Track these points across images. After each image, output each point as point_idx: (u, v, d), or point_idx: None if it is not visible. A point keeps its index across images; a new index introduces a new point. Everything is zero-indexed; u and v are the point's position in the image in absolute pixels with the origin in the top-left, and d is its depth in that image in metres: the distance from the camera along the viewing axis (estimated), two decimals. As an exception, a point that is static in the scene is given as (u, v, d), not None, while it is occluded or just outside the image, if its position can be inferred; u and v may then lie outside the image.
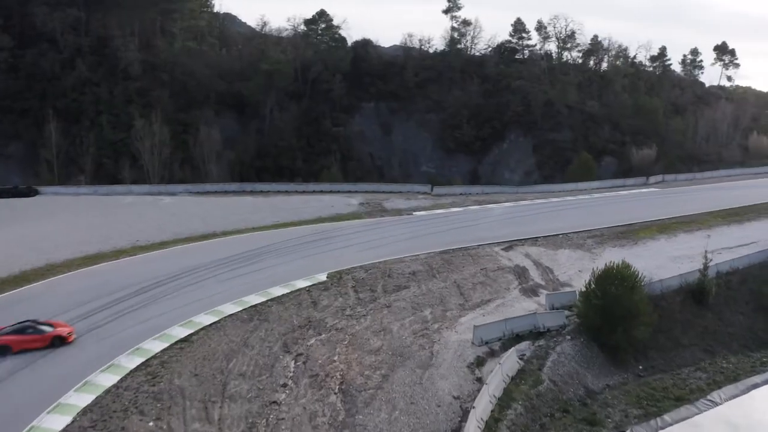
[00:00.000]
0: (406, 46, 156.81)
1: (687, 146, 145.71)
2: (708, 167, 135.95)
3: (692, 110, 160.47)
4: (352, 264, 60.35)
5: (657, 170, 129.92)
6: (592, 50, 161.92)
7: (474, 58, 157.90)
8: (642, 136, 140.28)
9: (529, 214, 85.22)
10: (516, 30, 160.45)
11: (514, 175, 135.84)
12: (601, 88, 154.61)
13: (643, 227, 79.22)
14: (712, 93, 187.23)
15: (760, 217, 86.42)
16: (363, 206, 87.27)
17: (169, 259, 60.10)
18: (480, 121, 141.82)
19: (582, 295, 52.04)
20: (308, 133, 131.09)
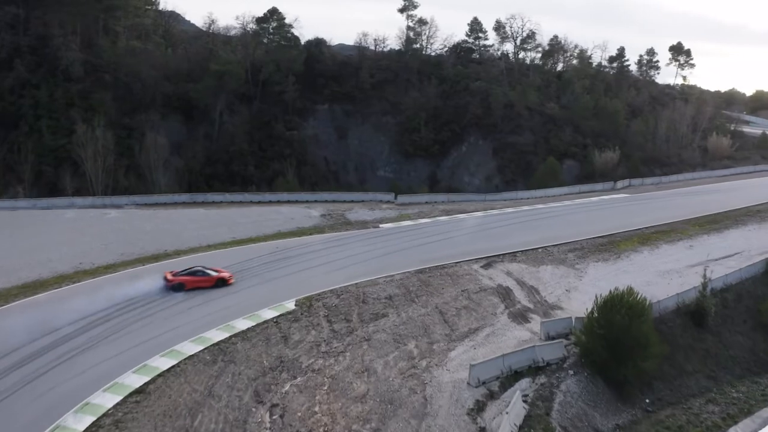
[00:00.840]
0: (360, 45, 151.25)
1: (648, 148, 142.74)
2: (670, 170, 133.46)
3: (648, 111, 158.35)
4: (321, 288, 54.14)
5: (620, 173, 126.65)
6: (551, 51, 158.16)
7: (431, 59, 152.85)
8: (603, 139, 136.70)
9: (503, 226, 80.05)
10: (472, 30, 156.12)
11: (475, 180, 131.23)
12: (561, 90, 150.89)
13: (624, 238, 74.99)
14: (666, 93, 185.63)
15: (737, 225, 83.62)
16: (325, 218, 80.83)
17: (117, 286, 52.72)
18: (438, 124, 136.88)
19: (585, 326, 46.88)
20: (260, 137, 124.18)
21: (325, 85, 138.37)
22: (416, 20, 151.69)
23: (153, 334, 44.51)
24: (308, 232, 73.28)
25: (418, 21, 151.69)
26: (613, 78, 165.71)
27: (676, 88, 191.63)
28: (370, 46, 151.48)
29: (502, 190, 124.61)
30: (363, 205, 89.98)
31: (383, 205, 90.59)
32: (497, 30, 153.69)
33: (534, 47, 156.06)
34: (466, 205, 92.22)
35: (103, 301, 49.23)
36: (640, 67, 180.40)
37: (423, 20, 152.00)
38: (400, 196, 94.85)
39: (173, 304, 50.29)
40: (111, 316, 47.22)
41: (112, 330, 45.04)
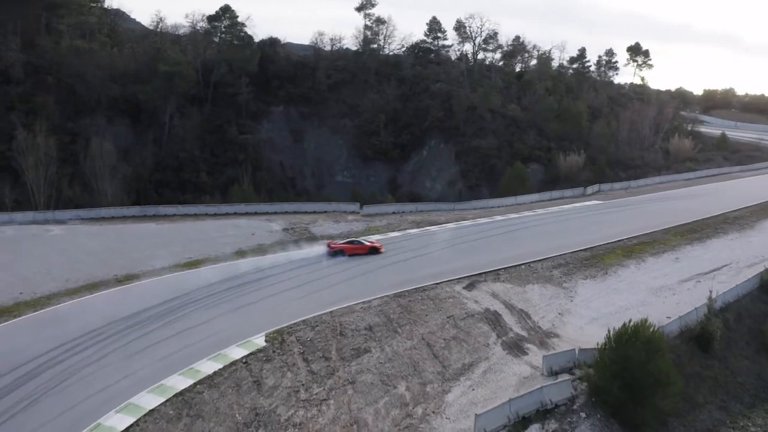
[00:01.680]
0: (316, 45, 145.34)
1: (611, 151, 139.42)
2: (635, 173, 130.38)
3: (607, 113, 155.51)
4: (292, 318, 48.05)
5: (585, 177, 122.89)
6: (513, 51, 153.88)
7: (389, 59, 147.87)
8: (567, 142, 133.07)
9: (479, 239, 74.73)
10: (431, 30, 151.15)
11: (437, 185, 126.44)
12: (522, 91, 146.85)
13: (607, 251, 70.39)
14: (623, 94, 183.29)
15: (717, 234, 79.91)
16: (288, 233, 74.55)
17: (60, 321, 46.01)
18: (398, 127, 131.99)
19: (596, 362, 41.79)
20: (212, 141, 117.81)
21: (279, 87, 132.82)
22: (374, 19, 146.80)
23: (108, 381, 38.27)
24: (272, 250, 67.10)
25: (376, 20, 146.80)
26: (573, 79, 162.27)
27: (626, 87, 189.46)
28: (327, 45, 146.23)
29: (466, 196, 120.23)
30: (327, 216, 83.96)
31: (348, 217, 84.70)
32: (458, 30, 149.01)
33: (496, 48, 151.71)
34: (435, 216, 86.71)
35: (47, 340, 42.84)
36: (599, 68, 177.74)
37: (381, 19, 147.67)
38: (366, 206, 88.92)
39: (133, 339, 44.28)
40: (55, 361, 40.81)
41: (59, 378, 38.66)
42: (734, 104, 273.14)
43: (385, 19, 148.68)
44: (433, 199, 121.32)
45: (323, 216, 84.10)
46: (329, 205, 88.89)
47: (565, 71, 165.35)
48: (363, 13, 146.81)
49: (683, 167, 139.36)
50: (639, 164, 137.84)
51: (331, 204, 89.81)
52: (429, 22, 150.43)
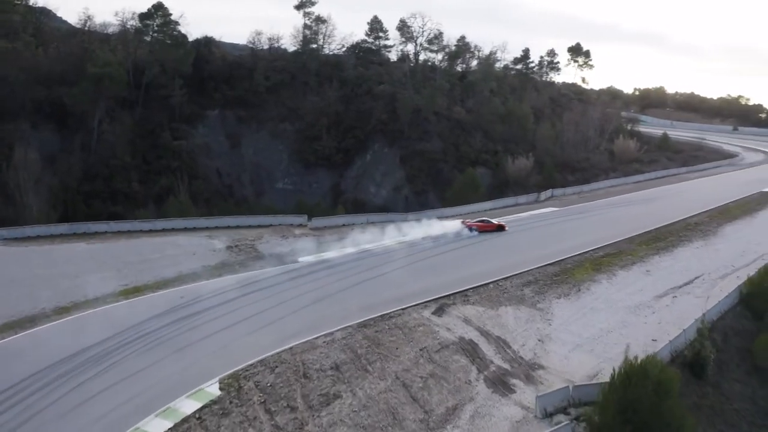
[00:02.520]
0: (254, 45, 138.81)
1: (557, 153, 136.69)
2: (582, 176, 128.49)
3: (549, 114, 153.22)
4: (247, 358, 42.04)
5: (534, 181, 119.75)
6: (458, 52, 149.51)
7: (330, 59, 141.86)
8: (513, 144, 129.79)
9: (439, 254, 69.70)
10: (372, 29, 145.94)
11: (382, 190, 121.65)
12: (466, 93, 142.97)
13: (575, 264, 66.53)
14: (563, 95, 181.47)
15: (682, 242, 77.39)
16: (233, 252, 68.09)
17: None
18: (341, 131, 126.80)
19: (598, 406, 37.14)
20: (144, 148, 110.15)
21: (215, 89, 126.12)
22: (314, 18, 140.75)
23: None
24: (216, 273, 60.80)
25: (316, 19, 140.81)
26: (516, 80, 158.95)
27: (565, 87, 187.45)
28: (264, 45, 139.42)
29: (413, 202, 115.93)
30: (273, 231, 77.80)
31: (296, 231, 78.73)
32: (401, 30, 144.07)
33: (441, 48, 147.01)
34: (390, 227, 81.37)
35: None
36: (541, 68, 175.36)
37: (321, 18, 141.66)
38: (315, 218, 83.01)
39: (61, 396, 37.73)
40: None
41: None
42: (669, 103, 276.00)
43: (325, 18, 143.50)
44: (378, 205, 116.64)
45: (268, 230, 77.91)
46: (274, 218, 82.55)
47: (509, 72, 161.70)
48: (302, 11, 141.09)
49: (630, 169, 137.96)
50: (585, 166, 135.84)
51: (277, 217, 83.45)
52: (370, 22, 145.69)
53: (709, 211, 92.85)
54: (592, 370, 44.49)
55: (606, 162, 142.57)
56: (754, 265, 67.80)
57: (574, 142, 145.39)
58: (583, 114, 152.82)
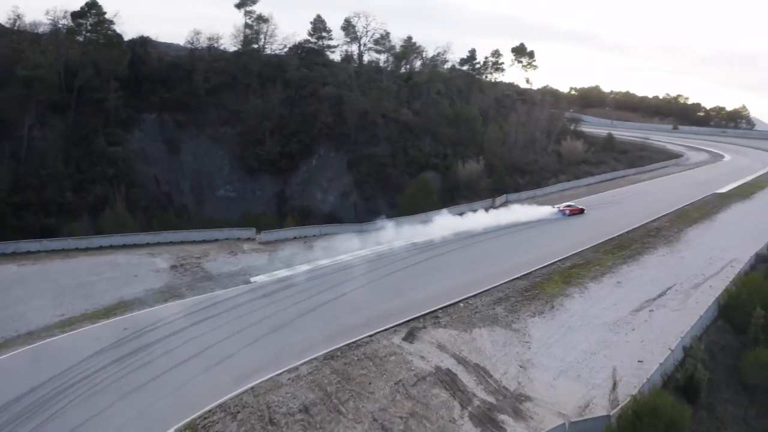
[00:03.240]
0: (192, 45, 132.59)
1: (505, 156, 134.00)
2: (532, 178, 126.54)
3: (494, 115, 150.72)
4: (205, 402, 37.02)
5: (485, 185, 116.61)
6: (404, 53, 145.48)
7: (272, 60, 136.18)
8: (462, 147, 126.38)
9: (399, 269, 65.41)
10: (316, 29, 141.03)
11: (329, 197, 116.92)
12: (413, 95, 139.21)
13: (544, 277, 63.37)
14: (506, 95, 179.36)
15: (647, 249, 75.24)
16: (178, 272, 62.54)
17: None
18: (285, 135, 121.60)
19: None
20: (78, 155, 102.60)
21: (152, 91, 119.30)
22: (255, 17, 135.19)
23: None
24: (161, 298, 55.50)
25: (257, 18, 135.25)
26: (462, 81, 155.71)
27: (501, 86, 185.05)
28: (204, 45, 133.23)
29: (362, 208, 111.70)
30: (220, 246, 72.48)
31: (245, 245, 73.52)
32: (345, 30, 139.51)
33: (388, 49, 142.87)
34: (344, 241, 76.89)
35: None
36: (485, 69, 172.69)
37: (262, 17, 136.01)
38: (264, 232, 77.76)
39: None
40: None
41: None
42: (608, 102, 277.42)
43: (267, 17, 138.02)
44: (326, 212, 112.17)
45: (215, 246, 72.55)
46: (221, 232, 77.16)
47: (455, 73, 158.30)
48: (243, 10, 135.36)
49: (579, 171, 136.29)
50: (535, 169, 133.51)
51: (223, 230, 78.03)
52: (313, 21, 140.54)
53: (668, 215, 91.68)
54: (582, 399, 41.08)
55: (554, 164, 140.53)
56: (724, 274, 66.55)
57: (521, 144, 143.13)
58: (528, 115, 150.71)
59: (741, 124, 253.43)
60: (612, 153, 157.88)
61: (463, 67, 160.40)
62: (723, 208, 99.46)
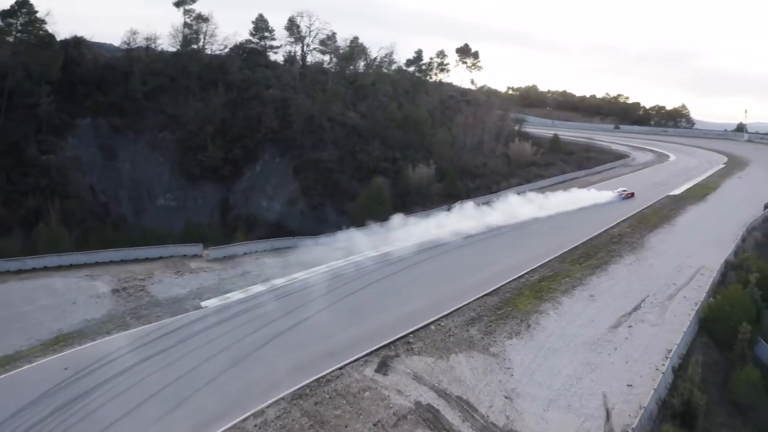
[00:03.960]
0: (129, 46, 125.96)
1: (455, 159, 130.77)
2: (483, 182, 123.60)
3: (439, 117, 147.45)
4: (162, 461, 33.04)
5: (435, 189, 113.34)
6: (350, 54, 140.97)
7: (213, 61, 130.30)
8: (412, 151, 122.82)
9: (362, 288, 60.87)
10: (258, 28, 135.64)
11: (275, 204, 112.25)
12: (359, 97, 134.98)
13: (515, 293, 60.14)
14: (450, 96, 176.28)
15: (613, 258, 72.64)
16: (121, 297, 56.91)
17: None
18: (228, 140, 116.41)
19: None
20: (8, 164, 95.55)
21: (86, 95, 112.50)
22: (194, 16, 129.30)
23: None
24: (103, 329, 50.15)
25: (197, 17, 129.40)
26: (410, 83, 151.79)
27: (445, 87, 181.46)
28: (141, 45, 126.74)
29: (309, 216, 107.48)
30: (165, 265, 66.92)
31: (192, 264, 68.16)
32: (289, 30, 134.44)
33: (334, 50, 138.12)
34: (299, 254, 72.04)
35: None
36: (430, 70, 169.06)
37: (202, 16, 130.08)
38: (212, 249, 72.22)
39: None
40: None
41: None
42: (549, 102, 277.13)
43: (207, 15, 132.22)
44: (272, 220, 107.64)
45: (159, 265, 66.95)
46: (165, 249, 71.39)
47: (402, 75, 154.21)
48: (182, 9, 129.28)
49: (529, 173, 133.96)
50: (485, 172, 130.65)
51: (168, 247, 72.20)
52: (255, 21, 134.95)
53: (627, 220, 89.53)
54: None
55: (504, 167, 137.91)
56: (695, 283, 64.65)
57: (470, 146, 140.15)
58: (475, 117, 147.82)
59: (681, 123, 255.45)
60: (559, 154, 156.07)
61: (409, 68, 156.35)
62: (680, 211, 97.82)
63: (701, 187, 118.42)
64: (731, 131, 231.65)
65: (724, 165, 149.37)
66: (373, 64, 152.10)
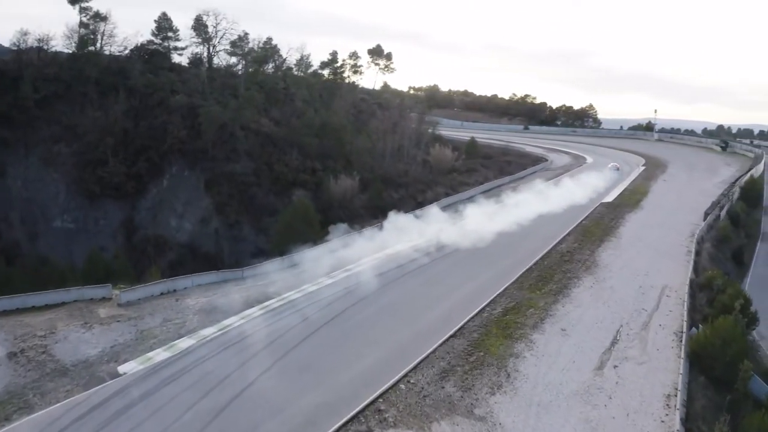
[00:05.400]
0: (19, 48, 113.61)
1: (376, 168, 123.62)
2: (406, 192, 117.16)
3: (353, 122, 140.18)
4: None
5: (359, 202, 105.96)
6: (264, 56, 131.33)
7: (113, 65, 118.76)
8: (331, 160, 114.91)
9: (307, 336, 51.33)
10: (161, 28, 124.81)
11: (185, 223, 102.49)
12: (273, 102, 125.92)
13: (481, 332, 52.57)
14: (362, 100, 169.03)
15: (570, 280, 65.95)
16: (18, 363, 46.11)
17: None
18: (131, 153, 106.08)
19: None
20: None
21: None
22: (92, 14, 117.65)
23: None
24: (3, 415, 40.17)
25: (94, 15, 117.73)
26: (325, 87, 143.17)
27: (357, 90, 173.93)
28: (32, 47, 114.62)
29: (225, 236, 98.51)
30: (69, 314, 56.10)
31: (101, 310, 57.54)
32: (196, 30, 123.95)
33: (246, 53, 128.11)
34: (226, 293, 62.47)
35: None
36: (343, 72, 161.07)
37: (100, 14, 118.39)
38: (123, 291, 61.28)
39: None
40: None
41: None
42: (456, 103, 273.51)
43: (105, 14, 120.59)
44: (183, 242, 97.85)
45: (62, 314, 56.17)
46: (68, 293, 60.23)
47: (318, 79, 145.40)
48: (78, 6, 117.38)
49: (453, 181, 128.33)
50: (408, 181, 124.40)
51: (71, 291, 60.98)
52: (158, 20, 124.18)
53: (570, 234, 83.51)
54: None
55: (426, 174, 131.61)
56: (664, 307, 59.00)
57: (390, 153, 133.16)
58: (391, 121, 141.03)
59: (588, 123, 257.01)
60: (477, 159, 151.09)
61: (323, 71, 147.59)
62: (619, 221, 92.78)
63: (631, 193, 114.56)
64: (628, 130, 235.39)
65: (644, 167, 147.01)
66: (282, 66, 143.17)
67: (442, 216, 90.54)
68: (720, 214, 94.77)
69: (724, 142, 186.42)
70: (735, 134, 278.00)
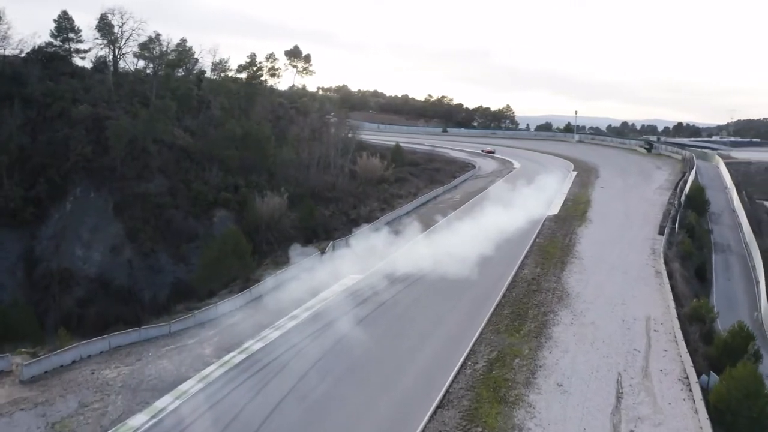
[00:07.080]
0: None
1: (301, 181, 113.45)
2: (338, 208, 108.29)
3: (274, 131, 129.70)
4: None
5: (289, 222, 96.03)
6: (178, 60, 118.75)
7: (6, 70, 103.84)
8: (255, 175, 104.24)
9: (264, 417, 41.75)
10: (61, 28, 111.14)
11: (94, 254, 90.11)
12: (183, 110, 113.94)
13: (471, 398, 44.36)
14: (280, 104, 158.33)
15: (547, 317, 59.53)
16: None
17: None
18: (29, 172, 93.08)
19: None
20: None
21: None
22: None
23: None
24: None
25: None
26: (243, 93, 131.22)
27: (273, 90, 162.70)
28: None
29: (140, 267, 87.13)
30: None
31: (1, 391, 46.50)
32: (101, 30, 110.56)
33: (159, 56, 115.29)
34: (150, 355, 51.59)
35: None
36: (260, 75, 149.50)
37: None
38: (26, 364, 49.09)
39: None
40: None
41: None
42: (372, 105, 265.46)
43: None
44: (93, 275, 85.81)
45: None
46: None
47: (237, 84, 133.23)
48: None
49: (384, 193, 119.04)
50: (337, 195, 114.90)
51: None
52: (58, 19, 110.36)
53: (528, 256, 77.89)
54: None
55: (354, 186, 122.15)
56: (657, 345, 53.84)
57: (315, 164, 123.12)
58: (312, 127, 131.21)
59: (505, 123, 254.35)
60: (404, 166, 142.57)
61: (241, 75, 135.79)
62: (572, 237, 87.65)
63: (573, 203, 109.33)
64: (549, 131, 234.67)
65: (575, 173, 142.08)
66: (193, 69, 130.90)
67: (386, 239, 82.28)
68: (675, 227, 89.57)
69: (648, 143, 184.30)
70: (640, 131, 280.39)
